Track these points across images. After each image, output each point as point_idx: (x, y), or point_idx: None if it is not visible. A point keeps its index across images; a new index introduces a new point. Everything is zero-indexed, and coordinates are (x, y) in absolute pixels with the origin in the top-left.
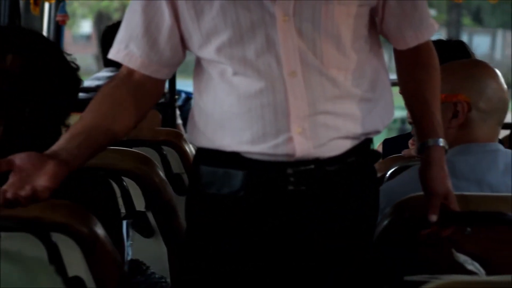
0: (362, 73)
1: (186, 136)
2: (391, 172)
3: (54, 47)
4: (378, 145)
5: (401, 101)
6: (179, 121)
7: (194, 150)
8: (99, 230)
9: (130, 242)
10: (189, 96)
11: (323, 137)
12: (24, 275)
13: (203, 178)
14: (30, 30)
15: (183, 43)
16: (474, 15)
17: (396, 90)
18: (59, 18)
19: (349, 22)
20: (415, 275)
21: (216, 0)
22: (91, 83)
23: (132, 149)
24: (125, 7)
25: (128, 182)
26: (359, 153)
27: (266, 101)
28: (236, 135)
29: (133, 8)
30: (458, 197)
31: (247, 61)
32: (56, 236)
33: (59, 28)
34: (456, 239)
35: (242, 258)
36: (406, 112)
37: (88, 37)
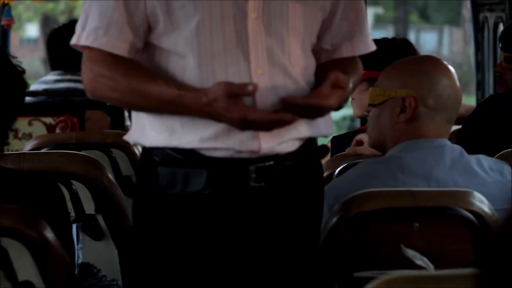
0: (312, 77)
1: (128, 137)
2: (339, 169)
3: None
4: (327, 142)
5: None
6: (128, 122)
7: None
8: (49, 234)
9: (81, 245)
10: None
11: (286, 135)
12: None
13: (162, 179)
14: None
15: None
16: (421, 12)
17: None
18: (4, 22)
19: (311, 22)
20: (364, 271)
21: None
22: (38, 86)
23: (81, 152)
24: (71, 9)
25: (77, 185)
26: (310, 148)
27: None
28: (198, 132)
29: None
30: (405, 192)
31: (215, 54)
32: (5, 241)
33: (5, 32)
34: (405, 234)
35: (208, 256)
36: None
37: (36, 40)
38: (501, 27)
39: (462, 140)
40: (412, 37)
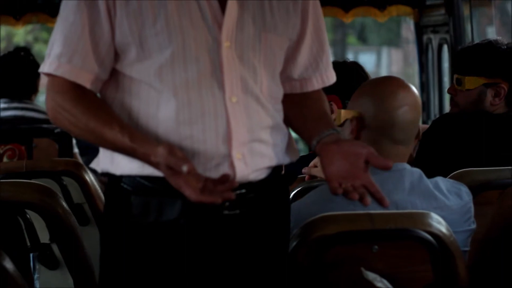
0: (281, 104)
1: (96, 165)
2: (294, 192)
3: None
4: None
5: None
6: (76, 150)
7: (95, 180)
8: (8, 264)
9: (37, 275)
10: None
11: (259, 164)
12: None
13: (135, 208)
14: None
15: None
16: (359, 33)
17: None
18: None
19: (281, 53)
20: None
21: (160, 15)
22: None
23: (32, 180)
24: (10, 37)
25: (31, 214)
26: (279, 176)
27: (208, 126)
28: None
29: (72, 21)
30: (363, 215)
31: (189, 83)
32: None
33: None
34: (364, 257)
35: (182, 285)
36: None
37: None
38: (445, 49)
39: (418, 159)
40: (350, 58)
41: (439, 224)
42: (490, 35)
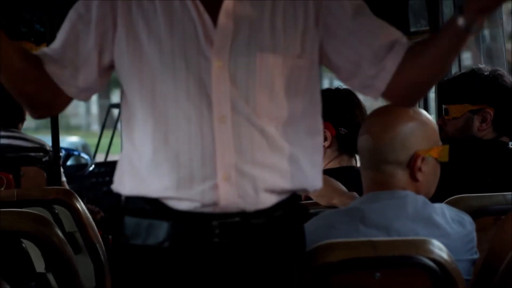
0: (295, 128)
1: (113, 186)
2: None
3: None
4: None
5: None
6: (64, 178)
7: (86, 208)
8: None
9: None
10: (69, 153)
11: (248, 187)
12: None
13: (127, 229)
14: None
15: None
16: None
17: None
18: None
19: (284, 73)
20: None
21: (152, 34)
22: None
23: (23, 209)
24: None
25: (26, 244)
26: (287, 207)
27: (194, 145)
28: (162, 180)
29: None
30: (365, 243)
31: (178, 103)
32: None
33: None
34: (367, 284)
35: None
36: None
37: None
38: None
39: None
40: (326, 84)
41: (441, 250)
42: (466, 61)
